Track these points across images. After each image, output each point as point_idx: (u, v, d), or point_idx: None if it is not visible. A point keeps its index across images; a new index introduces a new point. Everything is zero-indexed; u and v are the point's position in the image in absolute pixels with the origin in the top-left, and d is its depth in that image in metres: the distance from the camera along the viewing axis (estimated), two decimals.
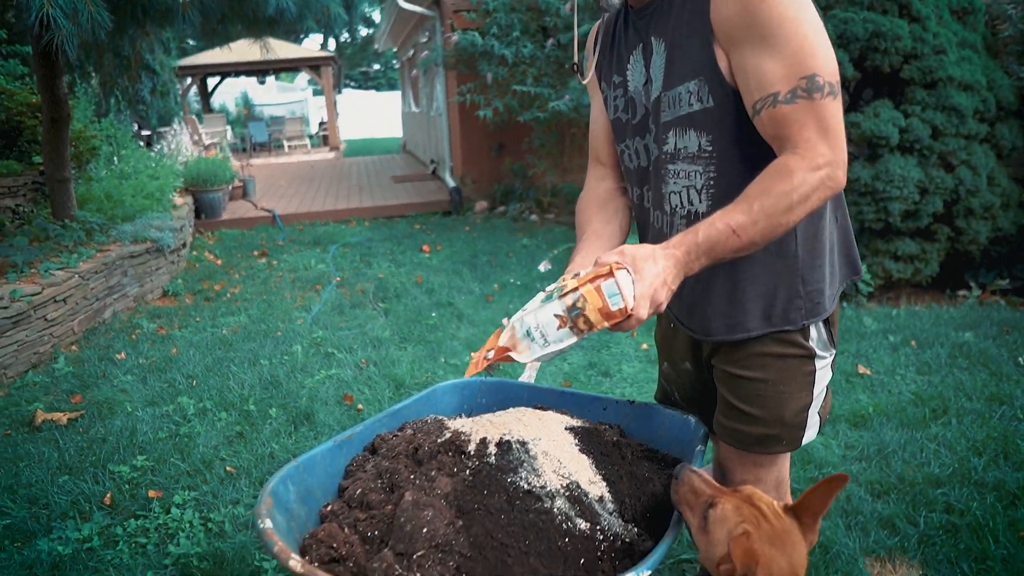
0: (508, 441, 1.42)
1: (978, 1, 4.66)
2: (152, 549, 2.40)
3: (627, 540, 1.40)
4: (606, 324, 1.17)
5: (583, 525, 1.38)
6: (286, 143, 17.84)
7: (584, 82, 1.56)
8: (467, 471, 1.37)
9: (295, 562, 1.05)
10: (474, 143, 9.38)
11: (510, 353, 1.25)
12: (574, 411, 1.82)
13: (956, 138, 4.39)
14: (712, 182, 1.35)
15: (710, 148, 1.33)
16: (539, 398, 1.90)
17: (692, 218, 1.38)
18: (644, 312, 1.17)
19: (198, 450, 3.03)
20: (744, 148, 1.32)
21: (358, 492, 1.41)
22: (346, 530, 1.32)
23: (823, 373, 1.49)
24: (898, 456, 2.80)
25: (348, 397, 3.54)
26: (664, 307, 1.21)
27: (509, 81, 7.31)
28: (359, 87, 38.75)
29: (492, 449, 1.41)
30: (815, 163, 1.19)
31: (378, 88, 37.47)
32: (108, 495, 2.70)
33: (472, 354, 1.32)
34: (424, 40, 11.02)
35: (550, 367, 3.86)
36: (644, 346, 4.18)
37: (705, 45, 1.29)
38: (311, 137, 19.34)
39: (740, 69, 1.25)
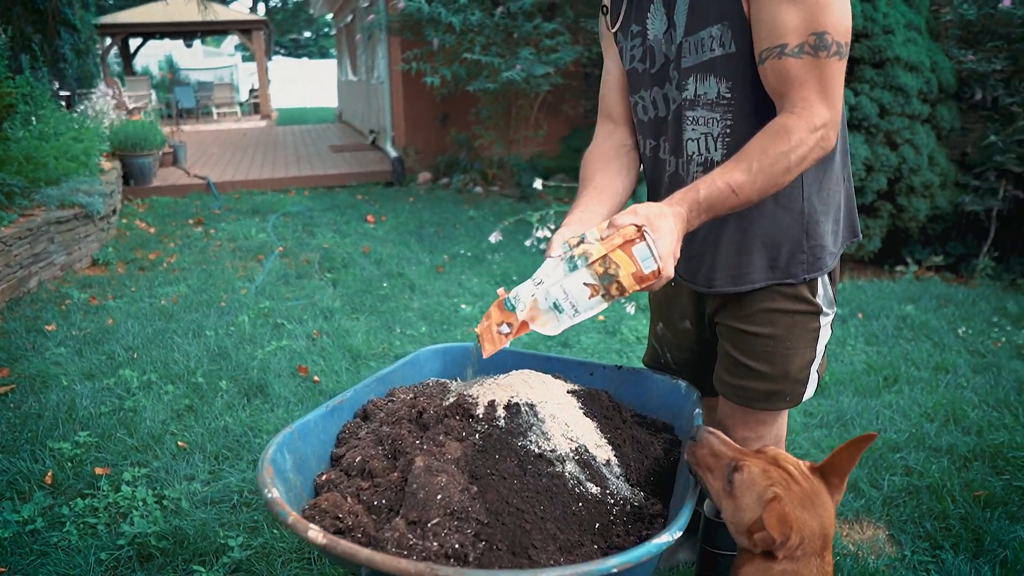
0: (517, 404, 1.37)
1: None
2: (103, 529, 2.24)
3: (635, 504, 1.38)
4: (638, 287, 1.15)
5: (594, 489, 1.34)
6: (215, 110, 17.08)
7: (613, 30, 1.51)
8: (477, 435, 1.31)
9: (315, 533, 0.97)
10: (418, 113, 9.18)
11: (532, 326, 1.21)
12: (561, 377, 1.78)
13: (901, 117, 4.52)
14: (728, 130, 1.34)
15: (729, 95, 1.32)
16: (525, 363, 1.85)
17: (708, 165, 1.38)
18: (671, 270, 1.17)
19: (145, 425, 2.86)
20: (763, 97, 1.30)
21: (358, 460, 1.33)
22: (349, 500, 1.24)
23: (825, 331, 1.52)
24: (856, 423, 2.88)
25: (302, 368, 3.40)
26: (678, 261, 1.21)
27: (456, 49, 7.15)
28: (289, 55, 37.41)
29: (501, 412, 1.35)
30: (812, 124, 1.21)
31: (310, 56, 36.27)
32: (49, 474, 2.51)
33: (476, 330, 1.26)
34: (365, 5, 10.66)
35: None
36: (601, 317, 4.17)
37: None
38: (241, 104, 18.57)
39: (756, 15, 1.25)
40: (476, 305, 4.38)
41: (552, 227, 5.13)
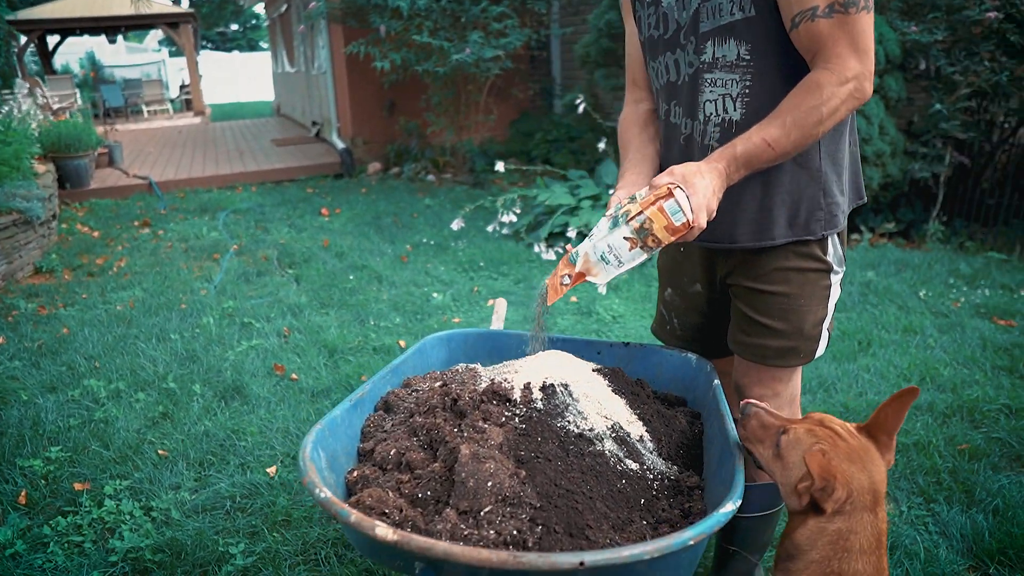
0: (552, 385, 1.34)
1: None
2: (91, 547, 2.12)
3: (672, 477, 1.37)
4: (672, 239, 1.25)
5: (633, 465, 1.33)
6: (145, 108, 16.42)
7: None
8: (517, 419, 1.28)
9: (383, 530, 0.92)
10: (364, 102, 8.99)
11: (588, 277, 1.33)
12: None
13: None
14: (747, 90, 1.37)
15: (748, 57, 1.35)
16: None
17: (726, 126, 1.40)
18: (703, 221, 1.25)
19: (119, 435, 2.72)
20: (781, 57, 1.34)
21: (392, 453, 1.28)
22: (391, 494, 1.19)
23: (836, 289, 1.57)
24: (838, 387, 2.95)
25: (278, 367, 3.30)
26: (714, 214, 1.29)
27: (403, 35, 7.01)
28: (217, 48, 36.22)
29: (537, 394, 1.33)
30: (843, 77, 1.26)
31: (240, 49, 35.21)
32: (23, 493, 2.37)
33: (546, 280, 1.41)
34: None
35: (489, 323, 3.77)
36: (574, 298, 4.17)
37: None
38: (172, 101, 17.89)
39: None
40: (447, 293, 4.33)
41: (517, 211, 5.11)
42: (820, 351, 1.59)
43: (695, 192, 1.23)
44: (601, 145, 6.13)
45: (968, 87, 4.80)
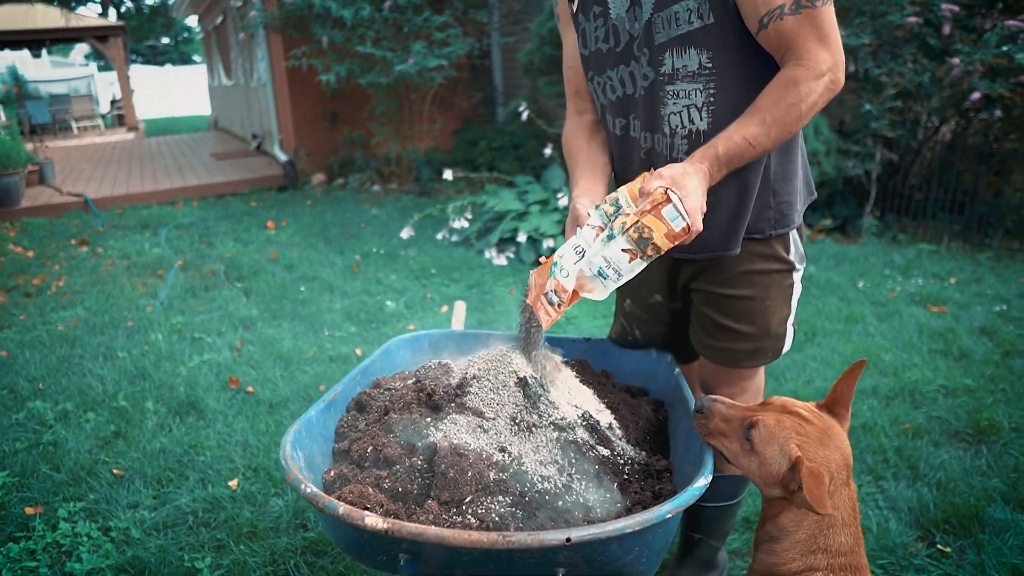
0: (524, 377, 1.37)
1: None
2: (47, 572, 2.05)
3: (641, 462, 1.42)
4: (672, 245, 1.23)
5: (605, 452, 1.37)
6: (74, 124, 15.87)
7: (573, 10, 1.49)
8: (491, 410, 1.30)
9: (373, 519, 0.94)
10: (306, 113, 8.90)
11: (583, 294, 1.30)
12: None
13: None
14: (712, 99, 1.36)
15: (710, 65, 1.34)
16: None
17: (693, 137, 1.39)
18: (700, 224, 1.22)
19: (70, 457, 2.64)
20: (743, 63, 1.34)
21: (369, 450, 1.29)
22: (371, 490, 1.20)
23: (797, 286, 1.59)
24: (788, 376, 3.06)
25: (233, 380, 3.24)
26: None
27: (345, 45, 6.98)
28: (148, 62, 35.26)
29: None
30: (818, 71, 1.26)
31: (172, 63, 34.35)
32: None
33: (528, 302, 1.35)
34: (238, 5, 10.21)
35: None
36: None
37: None
38: (104, 117, 17.33)
39: None
40: (400, 301, 4.32)
41: (469, 217, 5.13)
42: (787, 347, 1.62)
43: (688, 194, 1.21)
44: (547, 151, 6.21)
45: (894, 88, 5.04)
